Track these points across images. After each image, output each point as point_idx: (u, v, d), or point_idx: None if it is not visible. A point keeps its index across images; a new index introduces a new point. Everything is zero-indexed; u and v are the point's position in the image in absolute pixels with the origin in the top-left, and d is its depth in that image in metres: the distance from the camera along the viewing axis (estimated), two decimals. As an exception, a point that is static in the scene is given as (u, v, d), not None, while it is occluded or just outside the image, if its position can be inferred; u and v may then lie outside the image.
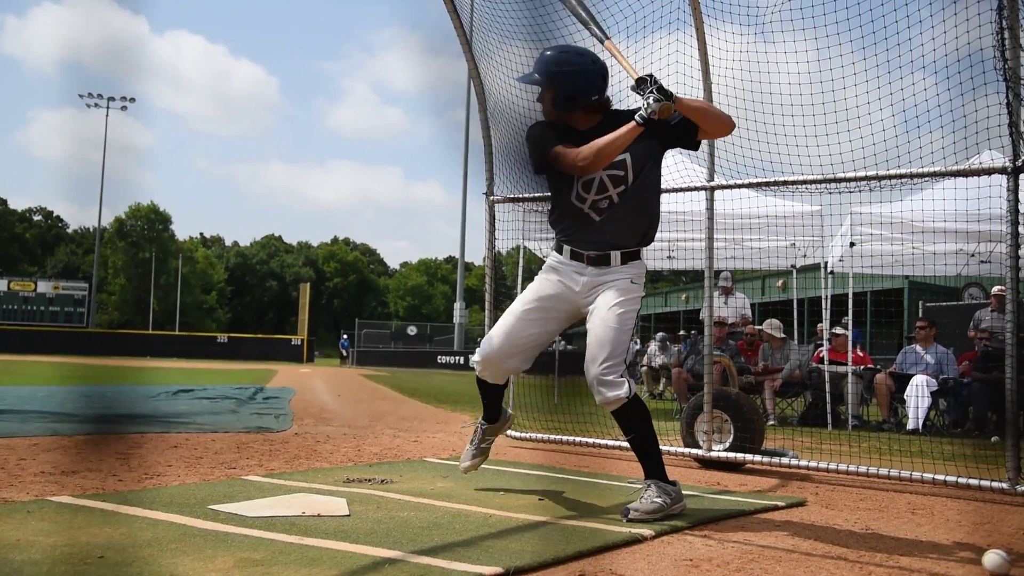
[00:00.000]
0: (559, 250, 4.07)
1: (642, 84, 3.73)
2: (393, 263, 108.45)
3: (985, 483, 4.77)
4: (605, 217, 3.95)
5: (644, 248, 4.07)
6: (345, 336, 49.69)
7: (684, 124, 3.88)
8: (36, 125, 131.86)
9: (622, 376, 3.85)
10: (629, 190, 3.93)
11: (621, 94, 4.83)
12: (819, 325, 11.49)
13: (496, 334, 4.11)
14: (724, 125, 3.97)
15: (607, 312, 3.87)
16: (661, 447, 5.95)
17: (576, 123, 3.99)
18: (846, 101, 5.05)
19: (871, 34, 4.87)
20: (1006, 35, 4.40)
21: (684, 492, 4.44)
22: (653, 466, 3.94)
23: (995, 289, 10.60)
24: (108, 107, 56.23)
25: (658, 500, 3.79)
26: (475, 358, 4.24)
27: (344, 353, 46.59)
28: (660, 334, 18.29)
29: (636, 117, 3.74)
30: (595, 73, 3.94)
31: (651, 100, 3.69)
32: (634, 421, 3.95)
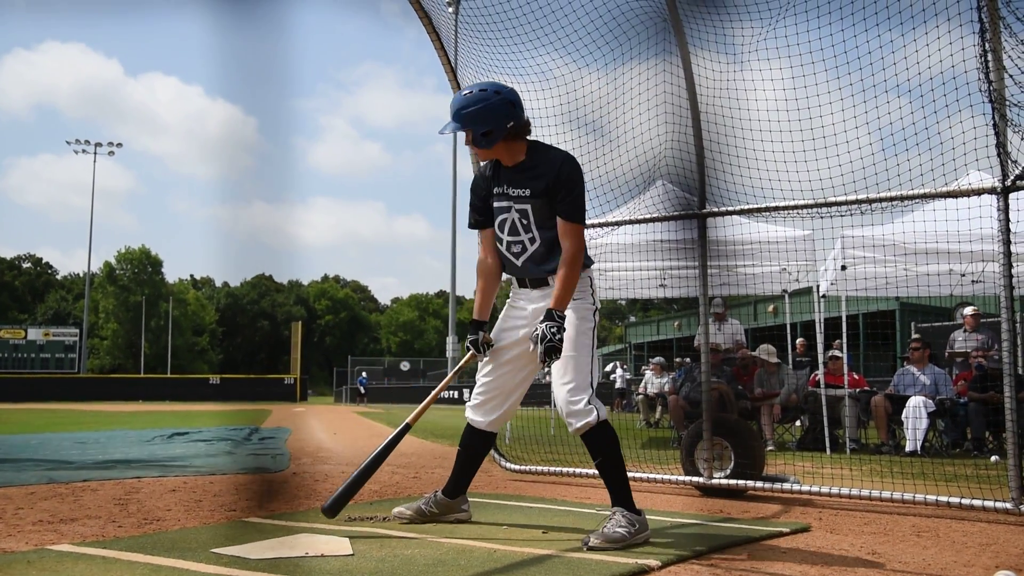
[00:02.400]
0: (511, 281, 4.36)
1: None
2: (383, 299, 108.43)
3: (989, 503, 4.77)
4: (523, 261, 4.20)
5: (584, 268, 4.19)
6: (364, 374, 48.46)
7: (552, 199, 4.05)
8: (14, 172, 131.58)
9: (589, 403, 3.99)
10: (536, 239, 4.14)
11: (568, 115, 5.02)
12: (836, 342, 11.55)
13: (480, 381, 4.35)
14: (579, 265, 4.06)
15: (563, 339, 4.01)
16: (662, 476, 5.97)
17: (504, 159, 4.17)
18: (823, 125, 5.13)
19: (843, 54, 4.95)
20: (989, 57, 4.46)
21: (687, 520, 4.43)
22: (619, 493, 3.98)
23: (967, 310, 10.79)
24: (96, 152, 56.41)
25: (621, 529, 3.81)
26: (469, 406, 4.43)
27: (362, 391, 44.79)
28: (656, 358, 18.27)
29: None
30: (503, 103, 4.06)
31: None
32: (601, 445, 4.02)
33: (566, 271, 3.99)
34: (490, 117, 4.02)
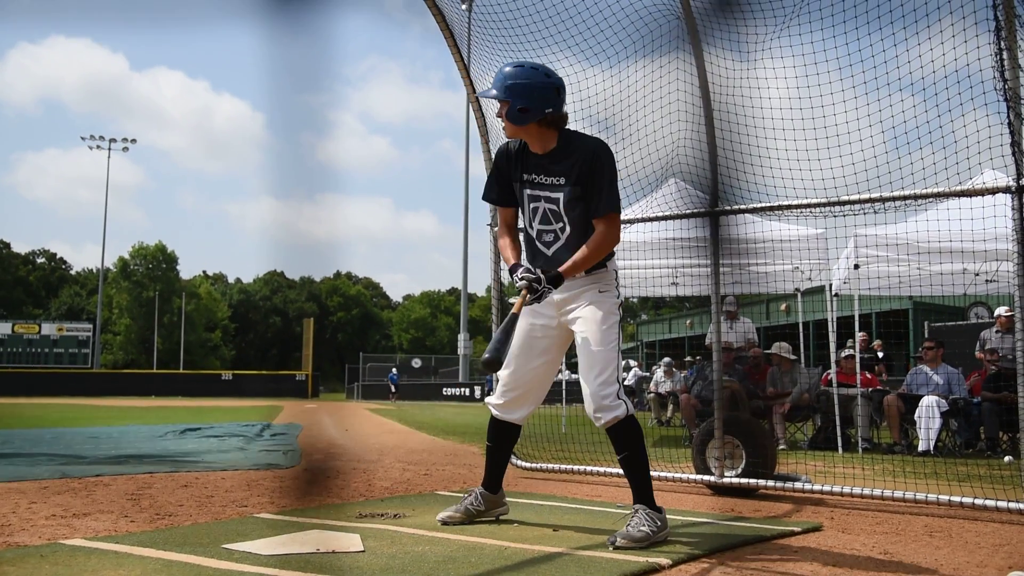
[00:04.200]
0: None
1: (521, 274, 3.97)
2: (395, 296, 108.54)
3: (1002, 504, 4.74)
4: (554, 251, 4.15)
5: (608, 260, 4.19)
6: (395, 370, 46.36)
7: (586, 187, 4.03)
8: (22, 167, 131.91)
9: (619, 397, 3.95)
10: (568, 228, 4.11)
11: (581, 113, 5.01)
12: (848, 342, 11.44)
13: (503, 374, 4.26)
14: (604, 252, 4.10)
15: (589, 332, 4.01)
16: (673, 474, 5.96)
17: (533, 144, 4.13)
18: (836, 124, 5.11)
19: (857, 52, 4.93)
20: (1005, 56, 4.43)
21: (698, 519, 4.42)
22: (642, 490, 3.96)
23: (1001, 310, 10.62)
24: (110, 148, 56.69)
25: (645, 528, 3.79)
26: (492, 401, 4.36)
27: (393, 388, 42.32)
28: (666, 359, 18.25)
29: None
30: (548, 86, 4.04)
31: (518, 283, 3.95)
32: (628, 440, 3.98)
33: (589, 251, 3.99)
34: (533, 95, 4.00)
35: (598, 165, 4.01)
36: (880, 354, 10.66)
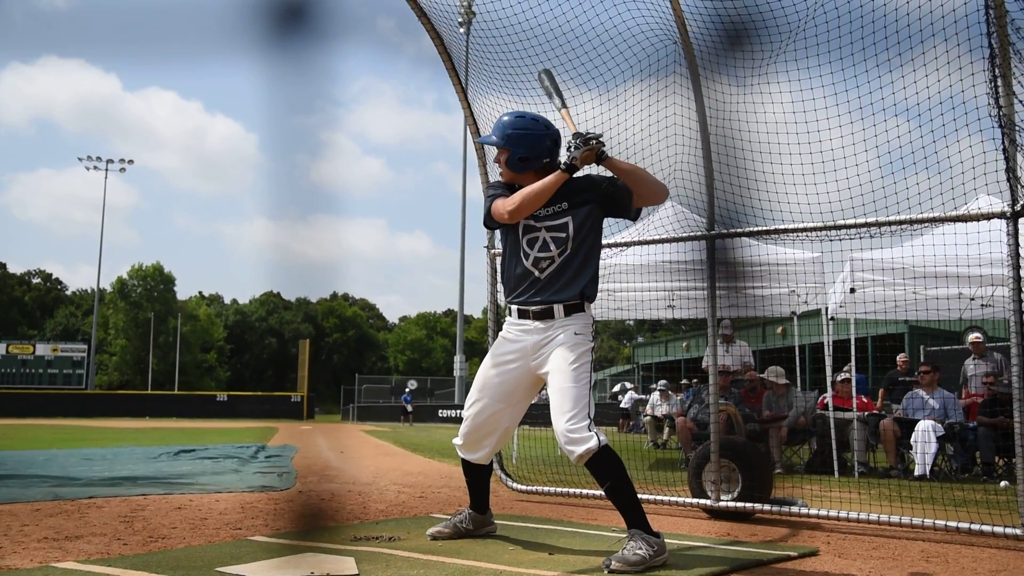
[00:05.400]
0: (509, 312, 4.29)
1: (576, 137, 3.98)
2: (391, 317, 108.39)
3: (999, 529, 4.73)
4: (547, 276, 4.17)
5: (589, 303, 4.22)
6: (408, 390, 44.42)
7: (623, 191, 4.14)
8: (15, 187, 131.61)
9: (590, 429, 3.94)
10: (569, 253, 4.16)
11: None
12: (845, 367, 11.41)
13: (466, 415, 4.35)
14: (656, 192, 4.19)
15: (561, 371, 4.03)
16: (669, 498, 5.94)
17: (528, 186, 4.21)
18: (832, 148, 5.14)
19: (853, 78, 4.98)
20: (999, 83, 4.46)
21: (694, 543, 4.40)
22: (634, 515, 3.94)
23: (971, 336, 10.73)
24: (107, 169, 56.81)
25: (640, 552, 3.77)
26: (456, 441, 4.47)
27: (408, 408, 39.59)
28: (662, 382, 18.22)
29: (560, 164, 4.02)
30: (547, 137, 4.23)
31: (573, 149, 3.94)
32: (607, 470, 3.98)
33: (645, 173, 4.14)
34: (534, 145, 4.18)
35: (596, 179, 4.21)
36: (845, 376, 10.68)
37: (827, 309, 10.32)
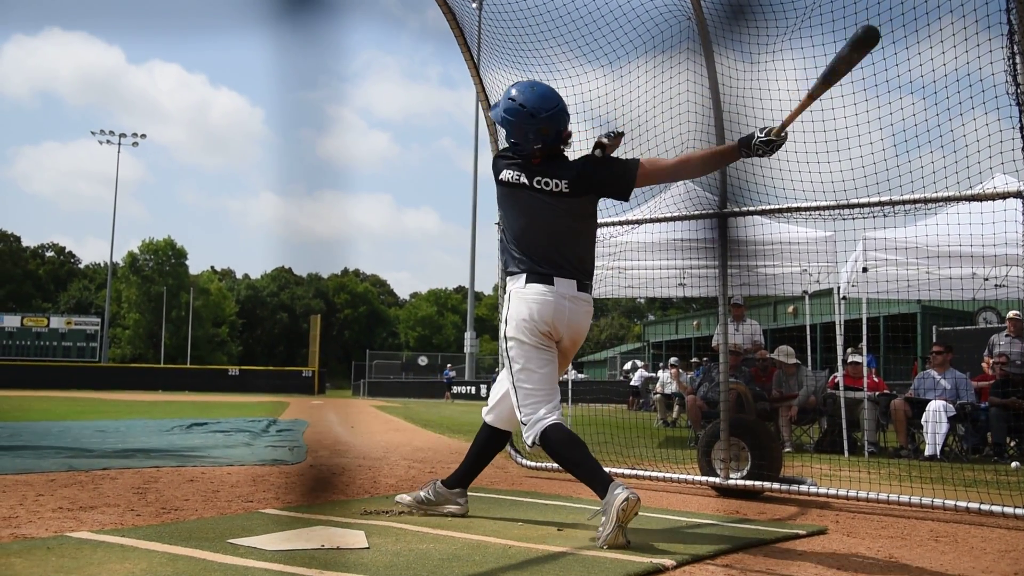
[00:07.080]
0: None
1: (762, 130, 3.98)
2: (402, 294, 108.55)
3: (1008, 510, 4.72)
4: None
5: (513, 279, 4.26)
6: (449, 365, 44.55)
7: (620, 173, 4.12)
8: (20, 160, 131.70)
9: (530, 416, 4.12)
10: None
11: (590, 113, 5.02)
12: (849, 349, 11.32)
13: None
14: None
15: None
16: (678, 476, 5.95)
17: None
18: (847, 127, 5.09)
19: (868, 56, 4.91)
20: (1018, 60, 4.41)
21: (703, 521, 4.41)
22: (593, 486, 3.88)
23: (1011, 313, 10.51)
24: (120, 143, 56.87)
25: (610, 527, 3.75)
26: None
27: (451, 388, 39.37)
28: (672, 360, 18.23)
29: (742, 149, 3.98)
30: (566, 112, 4.23)
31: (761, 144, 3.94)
32: (554, 451, 4.05)
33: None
34: (519, 134, 4.18)
35: (590, 164, 4.15)
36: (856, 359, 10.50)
37: (839, 288, 10.28)
